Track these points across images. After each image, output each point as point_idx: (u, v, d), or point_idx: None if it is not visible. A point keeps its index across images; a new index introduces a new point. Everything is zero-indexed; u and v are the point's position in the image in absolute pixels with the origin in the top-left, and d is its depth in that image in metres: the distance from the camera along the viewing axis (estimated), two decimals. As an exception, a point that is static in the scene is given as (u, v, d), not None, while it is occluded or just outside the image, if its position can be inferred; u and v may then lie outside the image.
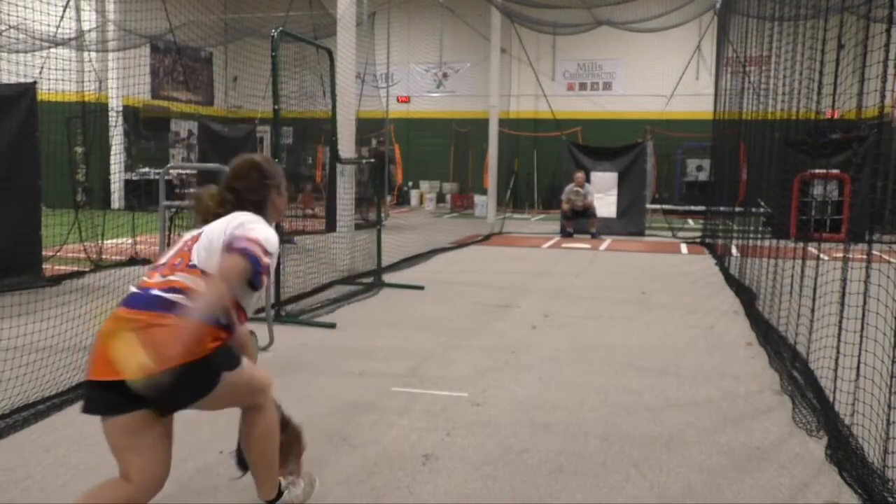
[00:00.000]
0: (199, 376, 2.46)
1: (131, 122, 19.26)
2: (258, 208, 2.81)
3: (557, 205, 15.45)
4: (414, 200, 23.00)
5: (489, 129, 16.66)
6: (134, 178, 19.04)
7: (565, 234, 14.82)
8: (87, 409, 2.48)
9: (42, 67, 9.98)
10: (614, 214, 15.54)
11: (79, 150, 15.84)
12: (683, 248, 13.27)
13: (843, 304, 3.79)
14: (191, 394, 2.50)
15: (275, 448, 2.80)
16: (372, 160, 9.60)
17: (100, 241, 9.80)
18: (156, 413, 2.44)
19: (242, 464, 2.91)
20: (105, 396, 2.38)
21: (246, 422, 2.76)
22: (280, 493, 2.85)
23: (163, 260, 2.66)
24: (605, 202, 15.56)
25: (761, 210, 10.29)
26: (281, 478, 2.88)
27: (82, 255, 9.27)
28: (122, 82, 17.46)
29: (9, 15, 10.16)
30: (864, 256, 3.50)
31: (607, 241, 14.02)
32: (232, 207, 2.79)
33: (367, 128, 18.67)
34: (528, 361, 5.31)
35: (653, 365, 5.25)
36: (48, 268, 8.29)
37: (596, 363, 5.29)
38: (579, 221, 14.81)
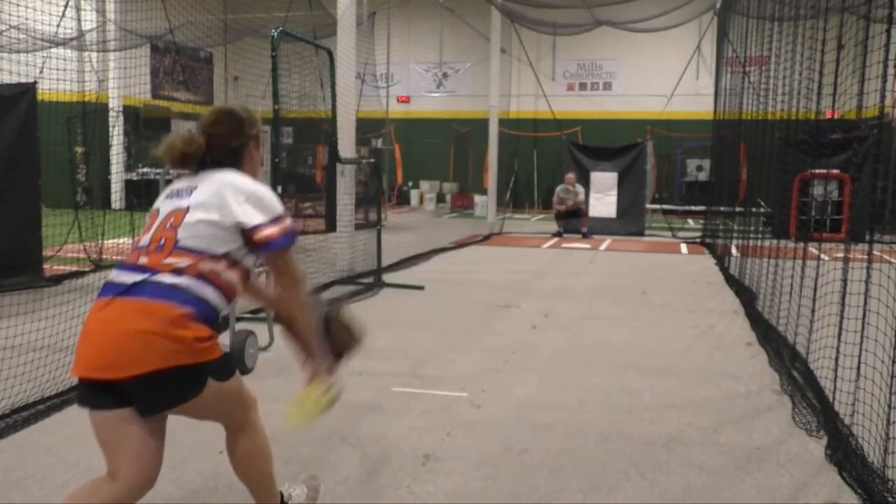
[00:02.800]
0: (189, 379, 2.22)
1: (131, 122, 19.26)
2: (235, 157, 2.53)
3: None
4: (414, 200, 23.00)
5: (489, 129, 16.66)
6: (134, 178, 19.04)
7: (556, 233, 14.87)
8: (79, 402, 2.29)
9: (42, 67, 9.97)
10: (614, 214, 15.55)
11: (79, 150, 15.82)
12: (683, 248, 13.27)
13: (843, 304, 3.79)
14: (175, 396, 2.25)
15: (266, 467, 2.59)
16: (372, 160, 9.60)
17: (100, 241, 9.80)
18: (138, 413, 2.22)
19: None
20: (93, 392, 2.21)
21: (229, 444, 2.53)
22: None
23: (144, 242, 2.33)
24: (604, 202, 15.57)
25: (761, 210, 10.29)
26: (281, 489, 2.73)
27: (82, 255, 9.27)
28: (122, 82, 17.44)
29: (9, 15, 10.15)
30: (865, 256, 3.50)
31: (607, 241, 14.02)
32: (206, 154, 2.48)
33: (367, 128, 18.66)
34: (528, 361, 5.30)
35: (653, 365, 5.25)
36: (48, 268, 8.29)
37: (596, 363, 5.29)
38: (570, 221, 14.85)
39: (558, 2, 16.52)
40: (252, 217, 2.33)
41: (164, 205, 2.42)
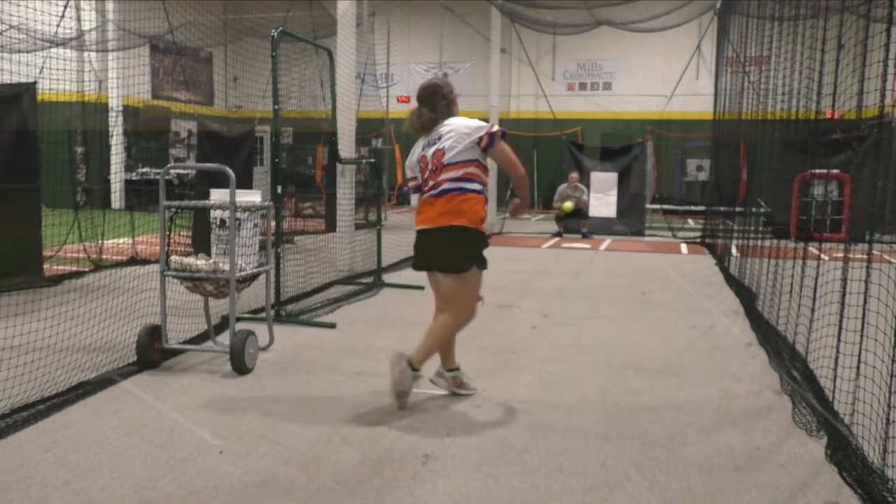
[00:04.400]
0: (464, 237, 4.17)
1: (131, 122, 19.27)
2: (449, 108, 4.28)
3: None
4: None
5: (489, 129, 16.62)
6: (134, 178, 19.05)
7: (555, 233, 14.86)
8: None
9: (42, 67, 9.99)
10: (614, 214, 15.55)
11: (79, 150, 15.85)
12: (683, 248, 13.27)
13: (843, 304, 3.79)
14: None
15: (441, 341, 4.21)
16: (372, 160, 9.61)
17: (100, 241, 9.80)
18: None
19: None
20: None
21: (442, 313, 4.19)
22: (416, 370, 4.07)
23: (426, 175, 4.21)
24: (604, 202, 15.57)
25: (761, 210, 10.30)
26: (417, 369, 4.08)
27: (82, 255, 9.27)
28: (122, 82, 17.47)
29: (9, 15, 10.16)
30: (864, 256, 3.50)
31: (607, 241, 14.02)
32: (431, 115, 4.24)
33: (367, 128, 18.66)
34: (528, 361, 5.31)
35: (653, 365, 5.25)
36: (48, 268, 8.29)
37: (596, 363, 5.29)
38: (571, 221, 14.84)
39: (558, 2, 16.53)
40: (475, 134, 4.12)
41: (426, 152, 4.22)
